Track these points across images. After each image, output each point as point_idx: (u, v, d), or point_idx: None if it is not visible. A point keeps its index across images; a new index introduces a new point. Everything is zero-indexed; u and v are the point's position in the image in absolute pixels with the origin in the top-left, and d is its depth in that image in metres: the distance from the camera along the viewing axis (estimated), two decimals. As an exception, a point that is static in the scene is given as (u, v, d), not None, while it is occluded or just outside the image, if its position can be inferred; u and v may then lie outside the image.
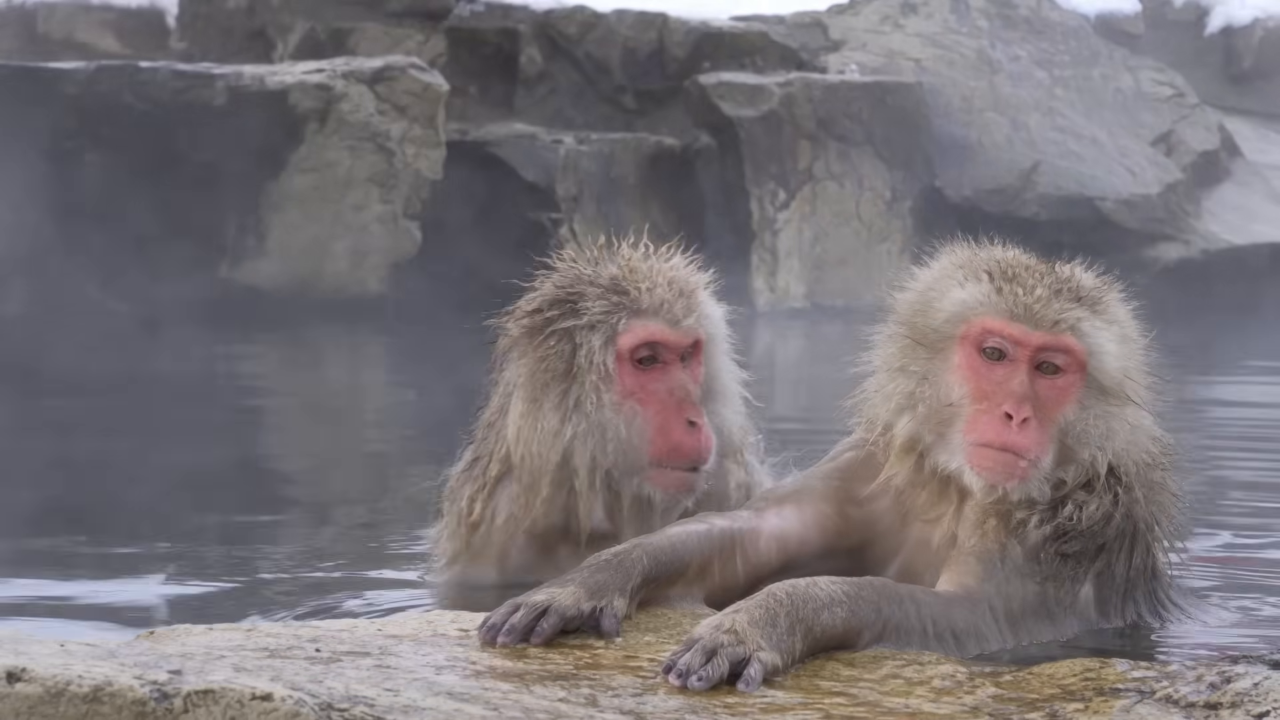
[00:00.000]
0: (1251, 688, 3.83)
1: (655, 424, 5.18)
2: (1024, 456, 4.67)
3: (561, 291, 5.28)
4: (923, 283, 4.91)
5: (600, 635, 4.30)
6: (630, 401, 5.19)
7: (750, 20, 21.28)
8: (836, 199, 19.99)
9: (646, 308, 5.21)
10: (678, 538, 4.68)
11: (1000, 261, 4.85)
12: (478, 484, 5.38)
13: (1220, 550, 6.86)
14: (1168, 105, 22.10)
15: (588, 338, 5.18)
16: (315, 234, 17.37)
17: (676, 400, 5.19)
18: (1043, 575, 4.68)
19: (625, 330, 5.19)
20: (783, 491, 4.95)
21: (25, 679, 3.43)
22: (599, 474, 5.19)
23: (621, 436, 5.17)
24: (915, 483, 4.83)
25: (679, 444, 5.17)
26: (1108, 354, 4.76)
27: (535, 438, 5.22)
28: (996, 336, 4.74)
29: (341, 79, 17.47)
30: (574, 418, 5.18)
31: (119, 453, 10.01)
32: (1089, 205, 20.40)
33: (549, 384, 5.21)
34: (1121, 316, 4.87)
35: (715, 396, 5.34)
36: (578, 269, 5.33)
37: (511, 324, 5.33)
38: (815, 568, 4.75)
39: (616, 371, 5.17)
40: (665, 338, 5.21)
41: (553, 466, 5.21)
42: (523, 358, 5.27)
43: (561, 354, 5.20)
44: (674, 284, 5.26)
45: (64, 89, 16.71)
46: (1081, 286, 4.82)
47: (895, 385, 4.83)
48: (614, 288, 5.23)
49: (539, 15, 20.05)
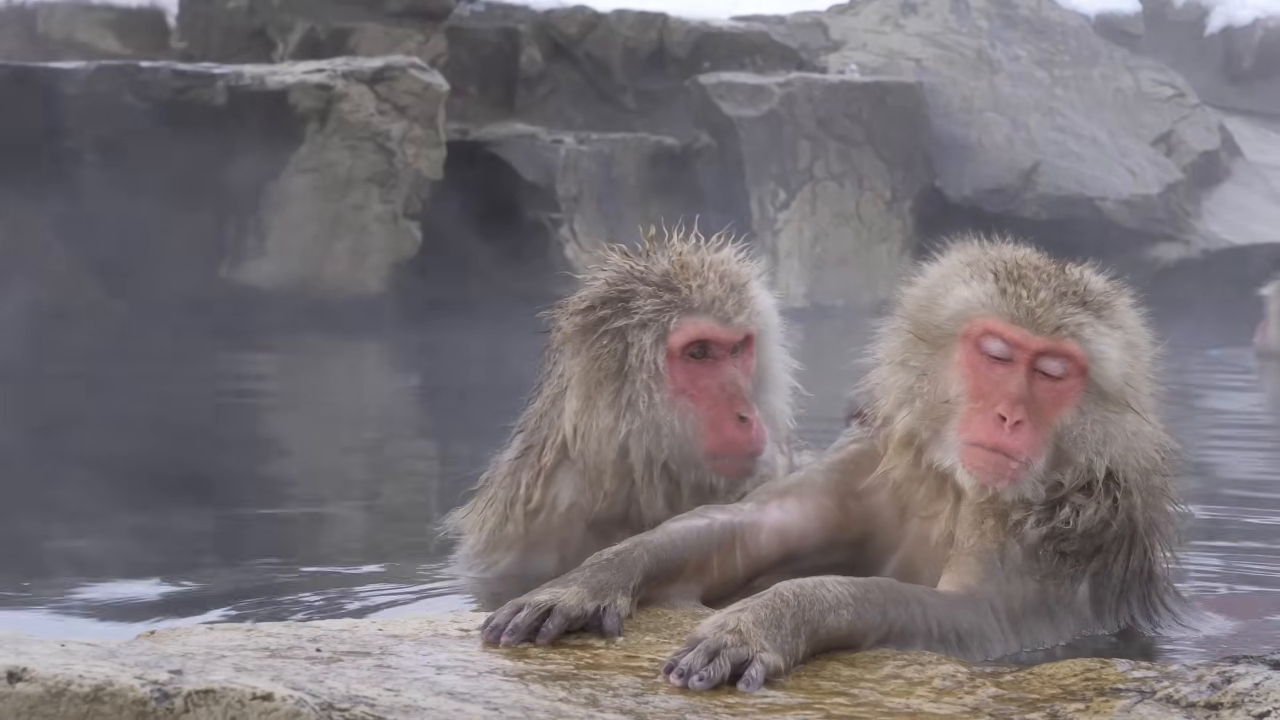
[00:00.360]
0: (1252, 688, 3.82)
1: (707, 420, 5.22)
2: (1014, 459, 4.67)
3: (613, 289, 5.29)
4: (930, 278, 4.91)
5: (603, 635, 4.30)
6: (682, 398, 5.22)
7: (750, 20, 21.29)
8: (836, 199, 19.99)
9: (698, 305, 5.24)
10: (677, 534, 4.68)
11: (1008, 261, 4.84)
12: (533, 471, 5.38)
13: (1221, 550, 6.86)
14: (1168, 105, 22.10)
15: (639, 336, 5.21)
16: (315, 234, 17.37)
17: (728, 396, 5.22)
18: (1042, 574, 4.67)
19: (676, 328, 5.21)
20: (785, 484, 4.96)
21: (26, 679, 3.43)
22: (656, 467, 5.22)
23: (676, 432, 5.20)
24: (913, 477, 4.83)
25: (731, 439, 5.20)
26: (1109, 360, 4.74)
27: (593, 434, 5.25)
28: (997, 338, 4.73)
29: (341, 79, 17.47)
30: (628, 415, 5.21)
31: (118, 452, 10.00)
32: (1089, 205, 20.40)
33: (602, 382, 5.24)
34: (1128, 322, 4.85)
35: (766, 387, 5.39)
36: (629, 264, 5.34)
37: (564, 320, 5.34)
38: (816, 560, 4.76)
39: (668, 369, 5.20)
40: (716, 335, 5.24)
41: (611, 461, 5.24)
42: (576, 354, 5.29)
43: (614, 352, 5.23)
44: (725, 279, 5.30)
45: (64, 89, 16.71)
46: (1089, 290, 4.80)
47: (896, 379, 4.84)
48: (665, 285, 5.25)
49: (539, 15, 20.05)
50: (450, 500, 5.80)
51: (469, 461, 5.84)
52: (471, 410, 11.99)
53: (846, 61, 21.18)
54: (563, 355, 5.34)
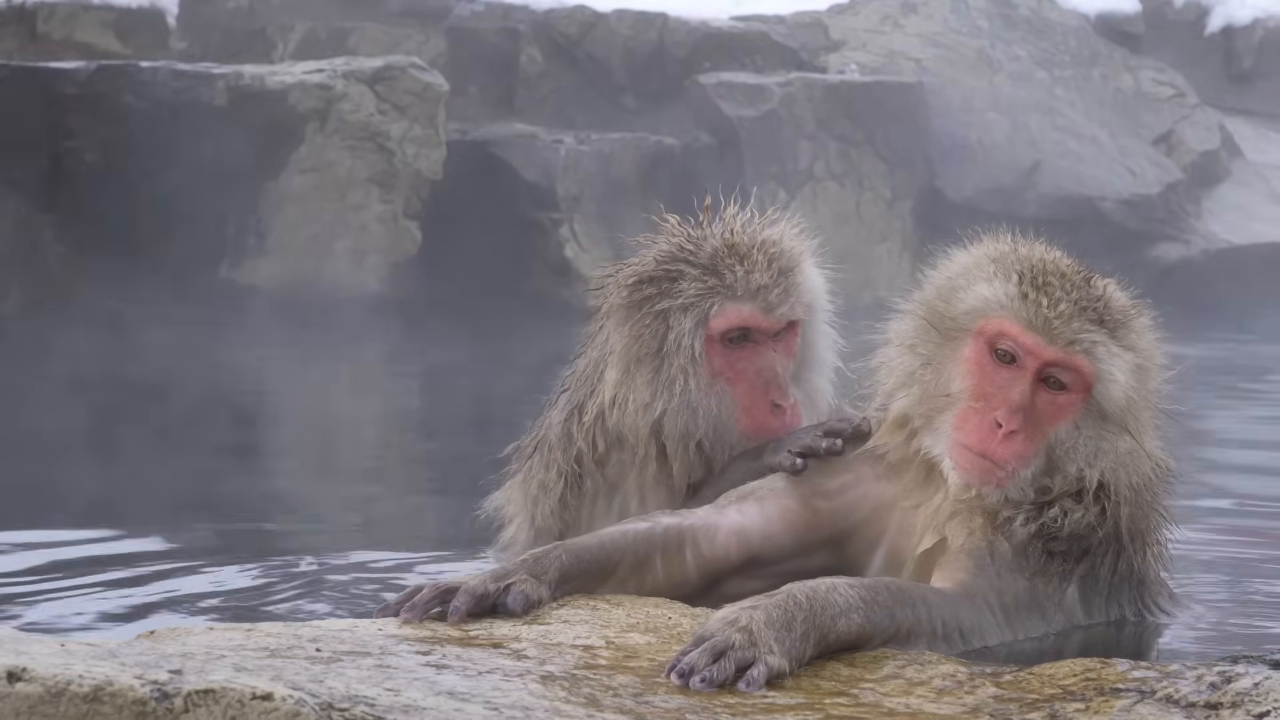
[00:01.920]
0: (1252, 687, 3.83)
1: (742, 404, 5.21)
2: (1002, 467, 4.67)
3: (660, 269, 5.27)
4: (953, 268, 4.89)
5: (507, 613, 4.39)
6: (720, 380, 5.21)
7: (750, 20, 21.28)
8: (836, 199, 19.99)
9: (741, 293, 5.21)
10: (608, 536, 4.72)
11: (1034, 264, 4.80)
12: (587, 424, 5.35)
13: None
14: (1168, 105, 22.10)
15: (679, 320, 5.20)
16: (315, 234, 17.36)
17: (764, 382, 5.21)
18: (1031, 571, 4.68)
19: (717, 315, 5.19)
20: (746, 489, 4.96)
21: (26, 678, 3.43)
22: (691, 444, 5.21)
23: (711, 414, 5.20)
24: (901, 460, 4.83)
25: (764, 426, 5.19)
26: (1115, 382, 4.72)
27: (630, 407, 5.24)
28: (1010, 341, 4.72)
29: (341, 79, 17.47)
30: (665, 394, 5.21)
31: (117, 451, 10.00)
32: (1089, 205, 20.40)
33: (642, 359, 5.23)
34: (1143, 344, 4.81)
35: (809, 365, 5.37)
36: (679, 241, 5.30)
37: (612, 290, 5.33)
38: (796, 564, 4.76)
39: (706, 352, 5.19)
40: (758, 323, 5.22)
41: (645, 436, 5.23)
42: (619, 328, 5.28)
43: (655, 333, 5.22)
44: (774, 263, 5.27)
45: (64, 89, 16.70)
46: (1109, 308, 4.76)
47: (902, 361, 4.84)
48: (711, 268, 5.22)
49: (539, 15, 20.05)
50: (450, 501, 5.79)
51: (469, 461, 5.83)
52: (472, 410, 11.99)
53: (846, 61, 21.18)
54: (608, 323, 5.33)
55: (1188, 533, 5.36)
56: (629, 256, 5.38)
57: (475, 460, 5.78)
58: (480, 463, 5.70)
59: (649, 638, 4.33)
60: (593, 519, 5.31)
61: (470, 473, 5.74)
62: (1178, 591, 5.04)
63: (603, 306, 5.38)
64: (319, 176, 17.40)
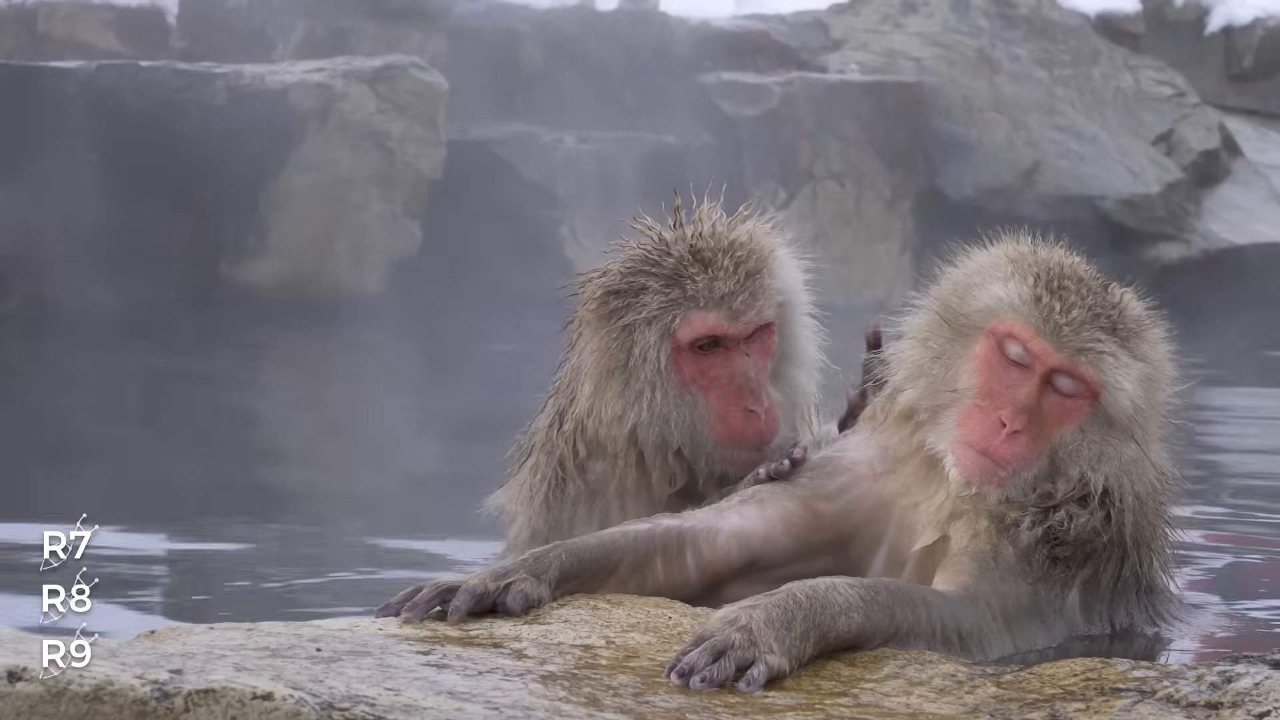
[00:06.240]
0: (1252, 687, 3.82)
1: (716, 411, 5.18)
2: (1004, 467, 4.67)
3: (624, 281, 5.25)
4: (970, 266, 4.88)
5: (507, 612, 4.38)
6: (692, 389, 5.19)
7: (750, 20, 21.28)
8: (836, 199, 19.99)
9: (705, 302, 5.17)
10: (609, 537, 4.72)
11: (1051, 269, 4.78)
12: (568, 432, 5.35)
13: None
14: (1168, 105, 22.09)
15: (644, 334, 5.17)
16: (315, 234, 17.36)
17: (736, 387, 5.19)
18: (1034, 577, 4.68)
19: (682, 325, 5.16)
20: (747, 492, 4.96)
21: (26, 678, 3.43)
22: (669, 451, 5.20)
23: (685, 423, 5.18)
24: (904, 455, 4.83)
25: (739, 432, 5.17)
26: (1122, 392, 4.71)
27: (604, 419, 5.23)
28: (1018, 344, 4.72)
29: (341, 79, 17.47)
30: (635, 407, 5.19)
31: (116, 451, 10.00)
32: (1089, 205, 20.39)
33: (612, 372, 5.22)
34: (1154, 355, 4.80)
35: (789, 360, 5.34)
36: (645, 250, 5.28)
37: (580, 306, 5.33)
38: (799, 568, 4.76)
39: (675, 362, 5.17)
40: (724, 331, 5.18)
41: (622, 446, 5.22)
42: (589, 341, 5.27)
43: (623, 345, 5.20)
44: (740, 267, 5.21)
45: (64, 89, 16.70)
46: (1122, 317, 4.75)
47: (913, 354, 4.84)
48: (674, 279, 5.19)
49: (539, 15, 20.05)
50: (450, 500, 5.79)
51: (470, 459, 5.83)
52: (472, 410, 11.98)
53: (846, 61, 21.17)
54: (580, 336, 5.33)
55: (1188, 534, 5.36)
56: (607, 260, 5.36)
57: (476, 459, 5.78)
58: (481, 461, 5.70)
59: (649, 637, 4.33)
60: (574, 523, 5.31)
61: (471, 472, 5.73)
62: (1180, 595, 5.04)
63: (574, 318, 5.37)
64: (319, 176, 17.40)
